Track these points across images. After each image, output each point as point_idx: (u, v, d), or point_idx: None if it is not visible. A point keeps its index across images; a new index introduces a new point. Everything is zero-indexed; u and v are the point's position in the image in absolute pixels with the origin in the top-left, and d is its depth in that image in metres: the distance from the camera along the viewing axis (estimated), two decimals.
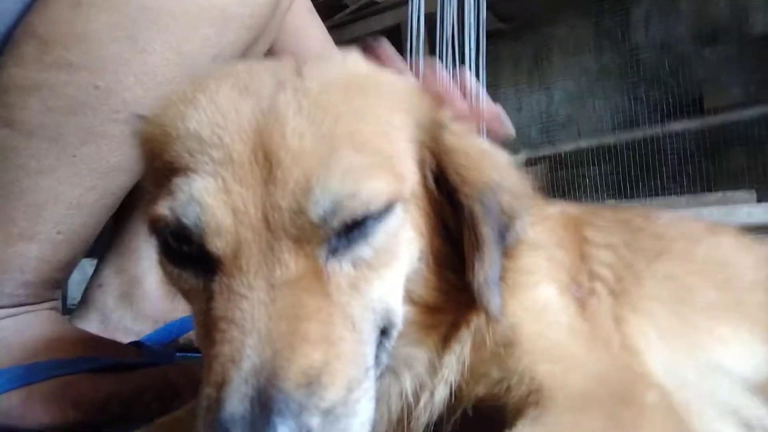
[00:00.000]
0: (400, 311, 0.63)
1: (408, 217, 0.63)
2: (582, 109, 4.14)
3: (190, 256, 0.58)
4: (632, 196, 3.62)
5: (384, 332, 0.62)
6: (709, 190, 3.33)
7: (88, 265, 1.77)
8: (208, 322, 0.55)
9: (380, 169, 0.59)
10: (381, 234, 0.59)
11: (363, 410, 0.52)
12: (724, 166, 3.49)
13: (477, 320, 0.70)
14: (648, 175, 3.63)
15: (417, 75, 1.24)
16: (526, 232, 0.69)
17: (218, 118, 0.59)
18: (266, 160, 0.56)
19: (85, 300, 1.52)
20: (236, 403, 0.47)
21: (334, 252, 0.57)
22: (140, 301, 1.44)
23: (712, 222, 1.03)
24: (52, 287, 1.07)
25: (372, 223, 0.58)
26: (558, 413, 0.61)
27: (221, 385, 0.48)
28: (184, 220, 0.55)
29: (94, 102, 0.98)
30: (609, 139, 3.85)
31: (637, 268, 0.87)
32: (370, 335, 0.58)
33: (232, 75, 0.63)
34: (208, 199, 0.55)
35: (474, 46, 3.78)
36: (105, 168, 1.02)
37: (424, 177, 0.66)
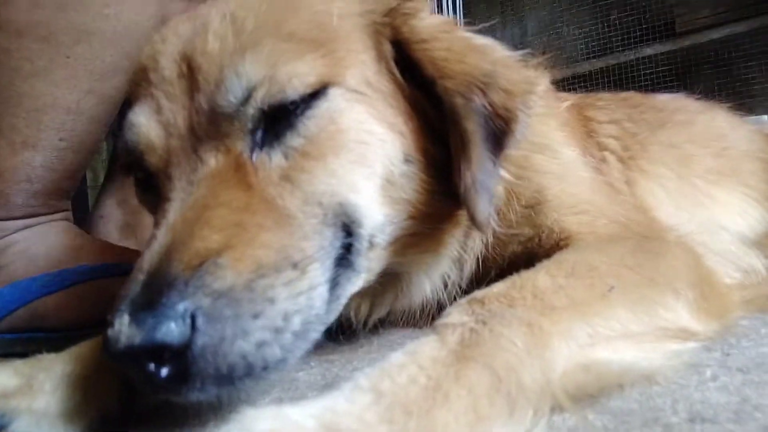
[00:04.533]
0: (370, 210, 0.60)
1: (361, 108, 0.61)
2: (556, 38, 4.13)
3: (147, 182, 0.63)
4: None
5: (348, 232, 0.59)
6: None
7: None
8: None
9: (307, 54, 0.59)
10: (311, 120, 0.58)
11: (282, 299, 0.50)
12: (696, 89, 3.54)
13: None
14: None
15: None
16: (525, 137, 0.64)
17: (159, 46, 0.62)
18: (190, 70, 0.59)
19: (87, 231, 1.53)
20: (132, 286, 0.49)
21: (261, 145, 0.58)
22: (142, 230, 1.45)
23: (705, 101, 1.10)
24: (62, 197, 1.08)
25: (299, 110, 0.58)
26: (590, 244, 0.66)
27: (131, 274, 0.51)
28: (127, 145, 0.61)
29: None
30: (583, 68, 3.87)
31: (642, 137, 0.94)
32: (315, 231, 0.55)
33: (197, 11, 0.65)
34: (141, 123, 0.59)
35: None
36: (100, 69, 1.01)
37: (387, 69, 0.64)
